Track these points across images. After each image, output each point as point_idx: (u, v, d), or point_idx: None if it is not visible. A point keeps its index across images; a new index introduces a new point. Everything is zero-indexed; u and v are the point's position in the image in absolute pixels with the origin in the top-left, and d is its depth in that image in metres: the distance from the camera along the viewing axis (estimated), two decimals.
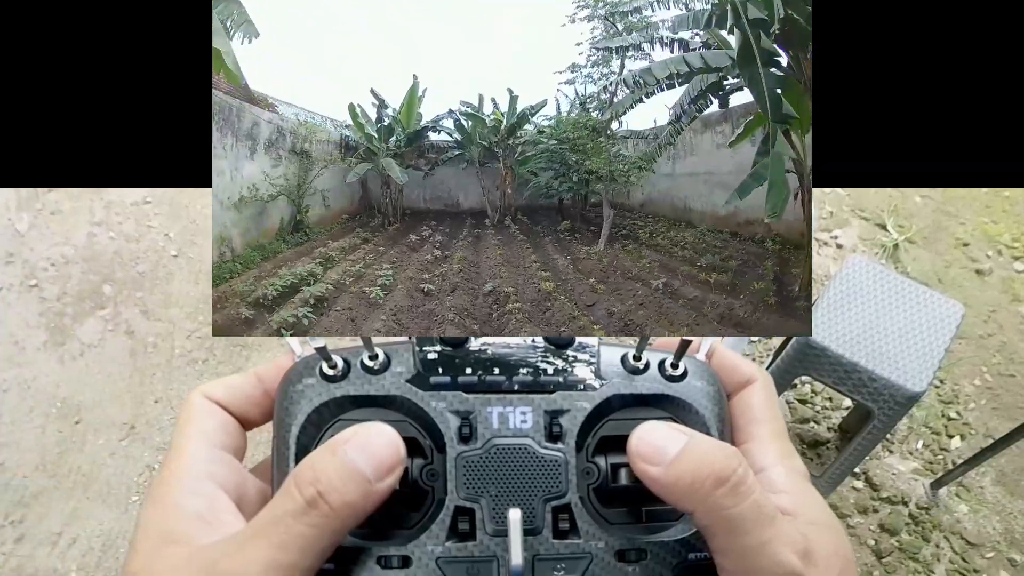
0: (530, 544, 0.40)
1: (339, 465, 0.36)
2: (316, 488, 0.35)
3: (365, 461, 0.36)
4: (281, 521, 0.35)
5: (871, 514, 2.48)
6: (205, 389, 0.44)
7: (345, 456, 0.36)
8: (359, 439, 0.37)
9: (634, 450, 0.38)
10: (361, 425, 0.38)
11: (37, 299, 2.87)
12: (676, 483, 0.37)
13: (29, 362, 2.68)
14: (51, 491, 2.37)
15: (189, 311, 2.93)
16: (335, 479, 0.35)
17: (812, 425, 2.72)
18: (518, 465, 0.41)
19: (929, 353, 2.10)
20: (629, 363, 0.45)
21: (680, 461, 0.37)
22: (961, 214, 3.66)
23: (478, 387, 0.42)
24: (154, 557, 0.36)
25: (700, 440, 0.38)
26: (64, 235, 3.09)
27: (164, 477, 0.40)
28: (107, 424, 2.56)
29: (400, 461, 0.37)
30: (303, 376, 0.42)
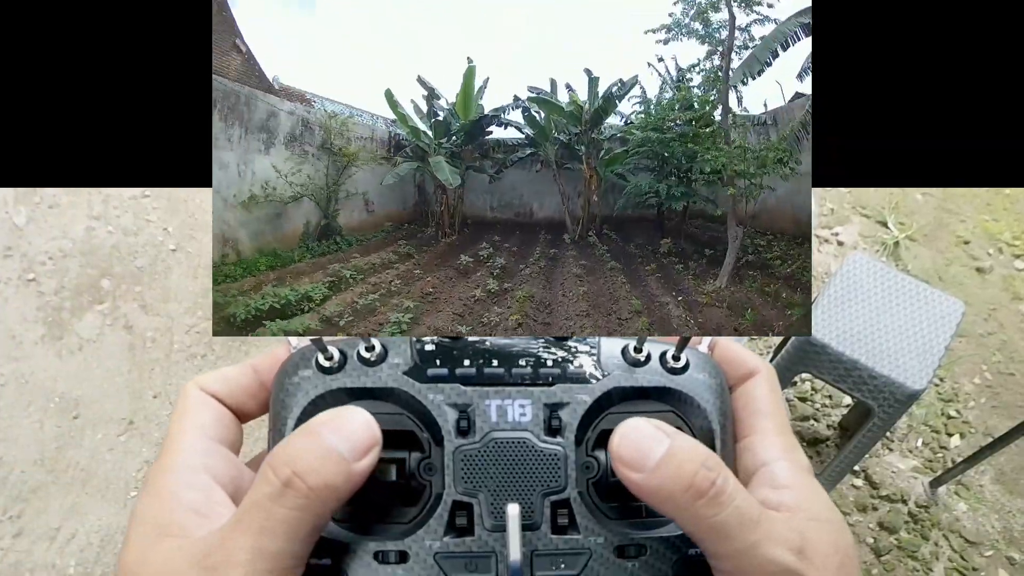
0: (529, 539, 0.39)
1: (313, 445, 0.36)
2: (291, 468, 0.35)
3: (340, 441, 0.36)
4: (261, 506, 0.35)
5: (870, 512, 2.48)
6: (201, 381, 0.44)
7: (320, 437, 0.36)
8: (334, 421, 0.37)
9: (616, 452, 0.38)
10: (335, 409, 0.38)
11: (35, 293, 2.86)
12: (657, 492, 0.36)
13: (27, 356, 2.67)
14: (49, 486, 2.36)
15: (188, 306, 2.92)
16: (311, 459, 0.35)
17: (812, 423, 2.72)
18: (517, 459, 0.40)
19: (929, 351, 2.10)
20: (630, 355, 0.44)
21: (660, 470, 0.36)
22: (962, 212, 3.66)
23: (476, 379, 0.42)
24: (148, 549, 0.36)
25: (680, 445, 0.37)
26: (62, 229, 3.08)
27: (159, 469, 0.39)
28: (105, 419, 2.55)
29: (376, 442, 0.37)
30: (299, 368, 0.42)
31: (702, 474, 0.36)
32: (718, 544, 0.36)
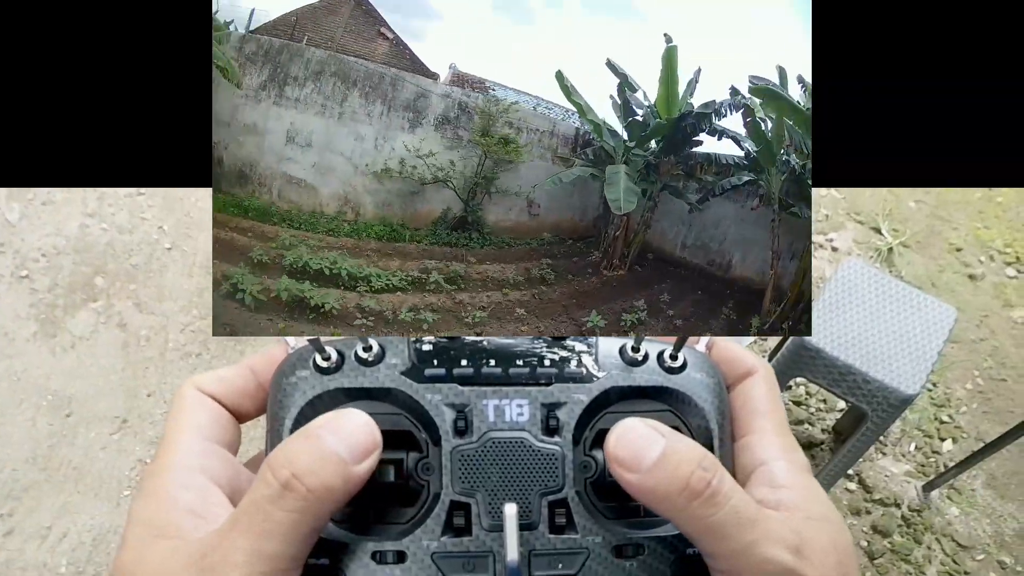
0: (526, 539, 0.39)
1: (313, 447, 0.36)
2: (290, 470, 0.34)
3: (339, 443, 0.36)
4: (259, 508, 0.34)
5: (864, 515, 2.50)
6: (197, 381, 0.43)
7: (319, 439, 0.36)
8: (334, 423, 0.37)
9: (611, 453, 0.38)
10: (335, 411, 0.38)
11: (28, 290, 2.83)
12: (653, 492, 0.36)
13: (19, 353, 2.64)
14: (41, 484, 2.34)
15: (183, 304, 2.90)
16: (310, 461, 0.35)
17: (806, 427, 2.74)
18: (514, 459, 0.40)
19: (922, 356, 2.12)
20: (627, 355, 0.44)
21: (655, 469, 0.36)
22: (954, 219, 3.69)
23: (474, 379, 0.42)
24: (145, 550, 0.36)
25: (676, 446, 0.37)
26: (56, 226, 3.05)
27: (156, 470, 0.39)
28: (99, 417, 2.53)
29: (376, 444, 0.37)
30: (296, 368, 0.42)
31: (698, 474, 0.36)
32: (715, 544, 0.36)
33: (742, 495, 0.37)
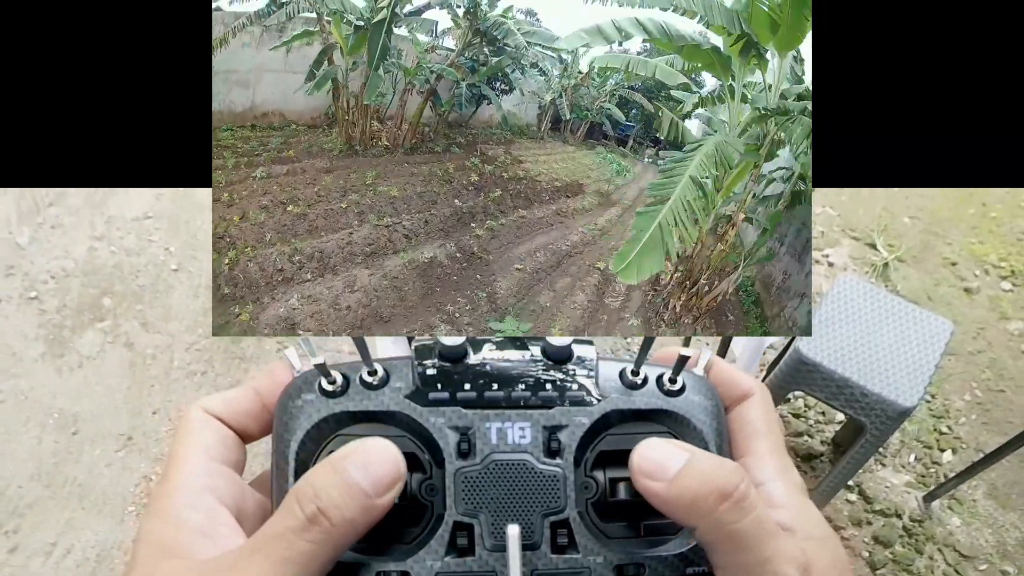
0: (529, 559, 0.40)
1: (339, 482, 0.36)
2: (317, 505, 0.35)
3: (365, 477, 0.36)
4: (282, 537, 0.35)
5: (865, 526, 2.50)
6: (204, 403, 0.44)
7: (345, 472, 0.36)
8: (359, 456, 0.37)
9: (636, 466, 0.39)
10: (361, 441, 0.38)
11: (36, 311, 2.88)
12: (679, 498, 0.37)
13: (26, 373, 2.69)
14: (46, 501, 2.36)
15: (188, 324, 2.94)
16: (335, 495, 0.36)
17: (806, 439, 2.75)
18: (517, 480, 0.41)
19: (920, 369, 2.13)
20: (627, 378, 0.45)
21: (682, 477, 0.37)
22: (948, 234, 3.74)
23: (477, 403, 0.42)
24: (153, 571, 0.36)
25: (702, 456, 0.39)
26: (64, 249, 3.12)
27: (164, 490, 0.40)
28: (104, 435, 2.56)
29: (400, 477, 0.38)
30: (302, 392, 0.43)
31: (727, 477, 0.37)
32: (733, 555, 0.37)
33: (764, 507, 0.37)
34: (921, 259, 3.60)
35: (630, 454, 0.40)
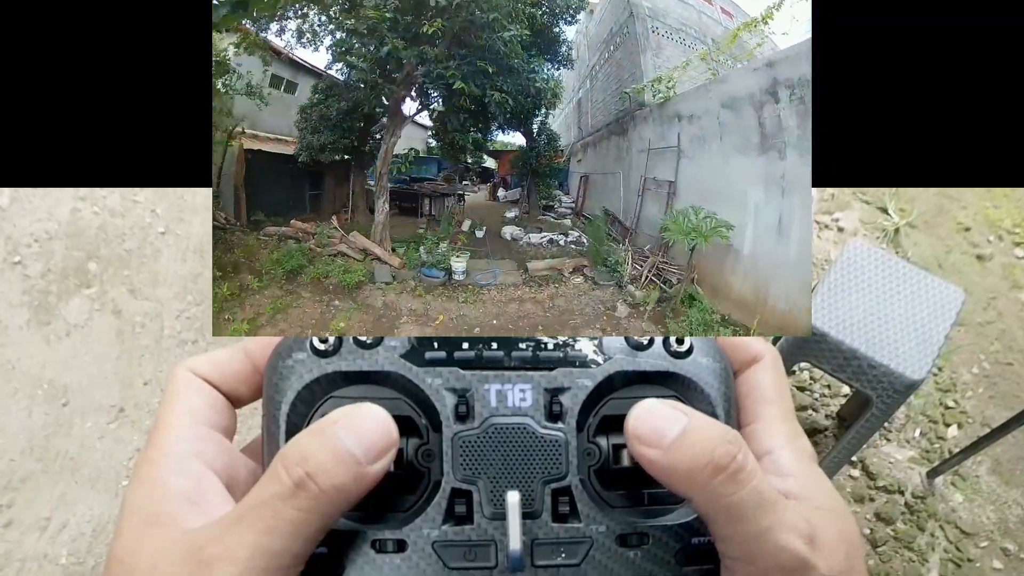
0: (529, 528, 0.39)
1: (328, 446, 0.34)
2: (304, 469, 0.34)
3: (355, 442, 0.35)
4: (268, 504, 0.34)
5: (867, 503, 2.49)
6: (191, 364, 0.42)
7: (335, 437, 0.35)
8: (349, 420, 0.35)
9: (632, 431, 0.37)
10: (352, 406, 0.36)
11: (20, 276, 2.79)
12: (674, 468, 0.36)
13: (12, 342, 2.61)
14: (39, 475, 2.33)
15: (178, 290, 2.86)
16: (324, 460, 0.34)
17: (810, 412, 2.72)
18: (517, 445, 0.39)
19: (929, 340, 2.07)
20: (632, 339, 0.43)
21: (678, 445, 0.36)
22: (963, 198, 3.63)
23: (475, 363, 0.41)
24: (139, 540, 0.35)
25: (699, 422, 0.37)
26: (47, 210, 3.00)
27: (149, 456, 0.38)
28: (95, 407, 2.51)
29: (393, 444, 0.36)
30: (293, 351, 0.41)
31: (723, 448, 0.35)
32: (732, 526, 0.35)
33: (763, 477, 0.36)
34: (933, 224, 3.50)
35: (624, 418, 0.38)
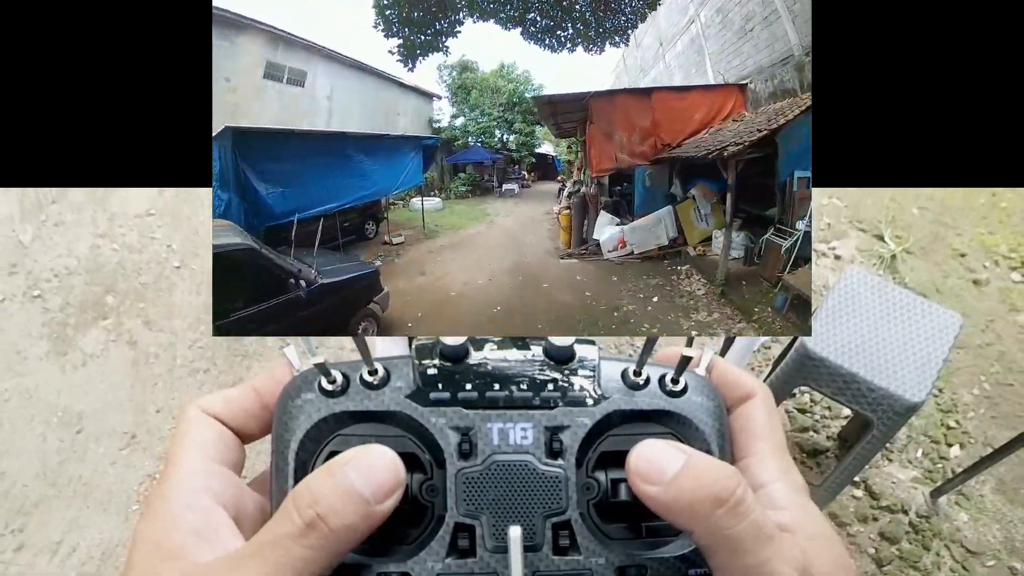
0: (530, 561, 0.40)
1: (338, 487, 0.36)
2: (315, 510, 0.35)
3: (364, 483, 0.36)
4: (279, 543, 0.35)
5: (871, 522, 2.48)
6: (202, 403, 0.44)
7: (344, 478, 0.36)
8: (358, 461, 0.37)
9: (633, 468, 0.39)
10: (361, 447, 0.38)
11: (40, 309, 2.89)
12: (675, 503, 0.37)
13: (31, 371, 2.69)
14: (51, 500, 2.37)
15: (191, 321, 2.94)
16: (334, 501, 0.35)
17: (811, 434, 2.73)
18: (518, 481, 0.41)
19: (928, 363, 2.09)
20: (629, 378, 0.44)
21: (679, 480, 0.37)
22: (958, 225, 3.68)
23: (478, 403, 0.42)
24: (150, 572, 0.36)
25: (699, 459, 0.38)
26: (67, 246, 3.12)
27: (161, 491, 0.39)
28: (108, 433, 2.56)
29: (400, 483, 0.38)
30: (302, 391, 0.42)
31: (723, 483, 0.36)
32: (732, 558, 0.37)
33: (762, 511, 0.37)
34: (930, 250, 3.56)
35: (627, 454, 0.40)
